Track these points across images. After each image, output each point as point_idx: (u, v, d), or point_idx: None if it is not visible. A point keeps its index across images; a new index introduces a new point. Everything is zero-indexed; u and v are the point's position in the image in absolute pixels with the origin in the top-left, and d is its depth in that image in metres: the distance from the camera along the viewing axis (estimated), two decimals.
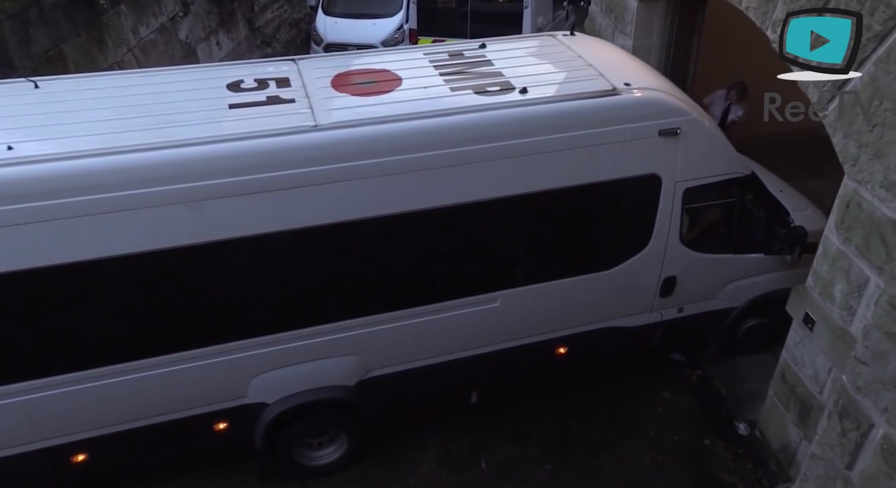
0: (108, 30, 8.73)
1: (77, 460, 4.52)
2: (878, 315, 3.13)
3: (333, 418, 5.08)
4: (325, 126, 4.09)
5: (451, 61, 5.00)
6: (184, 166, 3.83)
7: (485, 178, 4.38)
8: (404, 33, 11.74)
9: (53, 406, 4.20)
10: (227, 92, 4.48)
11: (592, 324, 5.27)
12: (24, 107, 4.23)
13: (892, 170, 3.54)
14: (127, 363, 4.21)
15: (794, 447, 4.87)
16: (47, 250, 3.73)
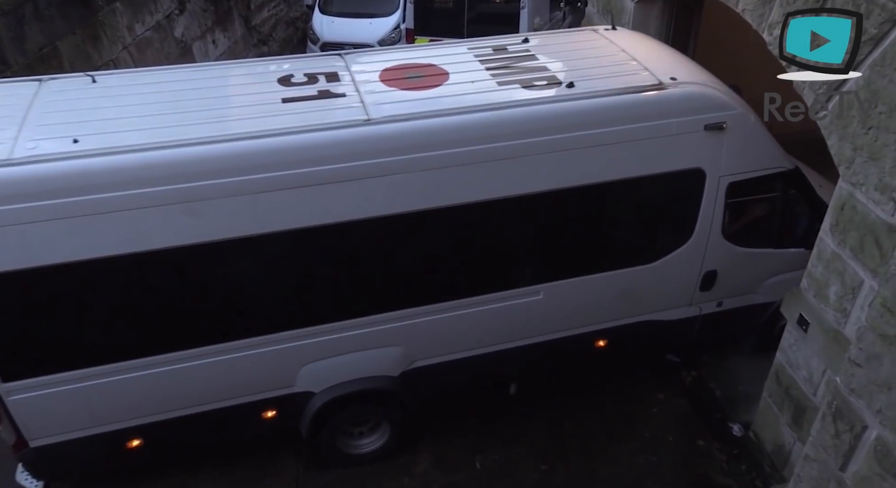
0: (103, 27, 8.70)
1: (132, 445, 4.63)
2: (872, 317, 3.14)
3: (377, 407, 5.16)
4: (377, 120, 4.15)
5: (495, 56, 5.04)
6: (243, 159, 3.90)
7: (532, 172, 4.42)
8: (401, 33, 11.72)
9: (111, 393, 4.30)
10: (278, 86, 4.55)
11: (632, 317, 5.31)
12: (85, 101, 4.30)
13: (887, 172, 3.56)
14: (183, 351, 4.31)
15: (788, 448, 4.88)
16: (113, 240, 3.81)
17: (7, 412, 4.19)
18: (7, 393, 4.12)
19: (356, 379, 4.84)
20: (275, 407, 4.80)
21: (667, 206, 5.01)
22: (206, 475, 5.26)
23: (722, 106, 4.65)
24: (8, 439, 4.35)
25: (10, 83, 4.59)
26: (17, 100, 4.25)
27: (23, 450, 4.41)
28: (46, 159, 3.67)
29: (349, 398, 4.87)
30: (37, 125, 3.98)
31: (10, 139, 3.81)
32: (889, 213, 3.59)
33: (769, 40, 4.43)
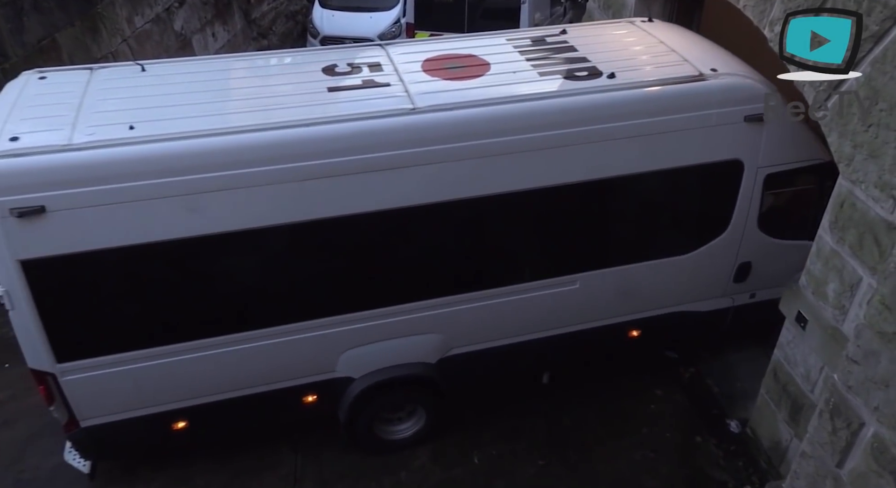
0: (102, 19, 8.67)
1: (177, 427, 4.72)
2: (870, 314, 3.14)
3: (414, 394, 5.23)
4: (422, 109, 4.22)
5: (535, 47, 5.10)
6: (294, 147, 3.97)
7: (574, 161, 4.47)
8: (401, 27, 11.69)
9: (160, 375, 4.40)
10: (323, 75, 4.62)
11: (666, 307, 5.36)
12: (136, 89, 4.41)
13: (887, 170, 3.55)
14: (230, 335, 4.41)
15: (785, 445, 4.89)
16: (163, 226, 3.91)
17: (61, 392, 4.29)
18: (61, 373, 4.22)
19: (395, 366, 4.92)
20: (315, 392, 4.89)
21: (704, 197, 5.05)
22: (204, 467, 5.28)
23: (762, 97, 4.65)
24: (60, 418, 4.47)
25: (63, 71, 4.69)
26: (71, 87, 4.34)
27: (74, 430, 4.53)
28: (105, 145, 3.76)
29: (387, 384, 4.93)
30: (92, 112, 4.07)
31: (69, 125, 3.90)
32: (888, 211, 3.59)
33: (770, 37, 4.42)
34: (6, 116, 4.00)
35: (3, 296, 3.90)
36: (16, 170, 3.63)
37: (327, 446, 5.45)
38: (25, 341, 4.10)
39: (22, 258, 3.77)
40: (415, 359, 4.94)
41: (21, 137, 3.75)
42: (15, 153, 3.66)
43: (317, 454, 5.41)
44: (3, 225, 3.66)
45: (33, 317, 3.97)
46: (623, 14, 7.18)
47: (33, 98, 4.25)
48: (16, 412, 5.81)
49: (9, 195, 3.61)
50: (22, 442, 5.53)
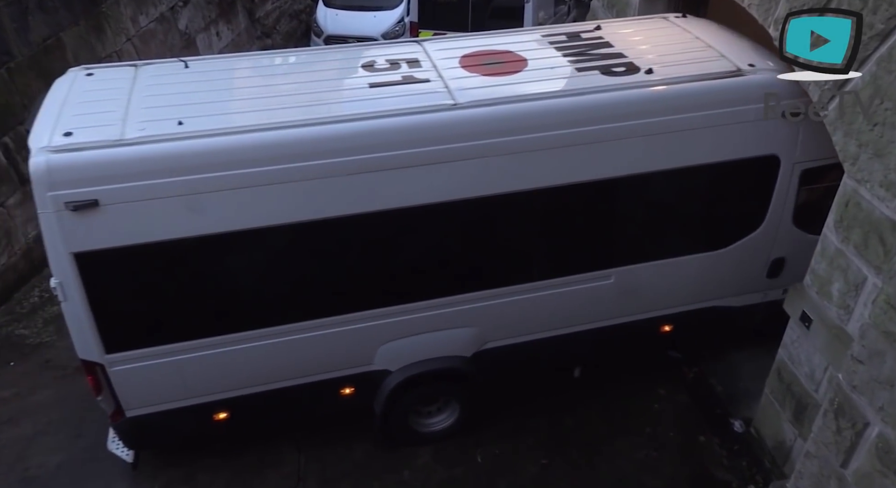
0: (107, 18, 8.69)
1: (219, 418, 4.79)
2: (875, 314, 3.13)
3: (449, 387, 5.26)
4: (464, 104, 4.25)
5: (570, 43, 5.12)
6: (339, 142, 4.03)
7: (612, 157, 4.49)
8: (405, 26, 11.69)
9: (204, 366, 4.47)
10: (363, 71, 4.68)
11: (699, 302, 5.36)
12: (181, 85, 4.49)
13: (892, 169, 3.54)
14: (273, 327, 4.47)
15: (789, 445, 4.88)
16: (212, 219, 3.97)
17: (108, 382, 4.37)
18: (110, 363, 4.29)
19: (431, 359, 4.97)
20: (353, 385, 4.94)
21: (740, 193, 5.05)
22: (208, 464, 5.29)
23: (800, 92, 4.62)
24: (107, 408, 4.55)
25: (109, 68, 4.80)
26: (118, 83, 4.43)
27: (119, 420, 4.60)
28: (156, 140, 3.83)
29: (423, 377, 4.98)
30: (141, 108, 4.14)
31: (120, 121, 3.97)
32: (894, 210, 3.57)
33: (775, 35, 4.40)
34: (58, 112, 4.08)
35: (56, 288, 3.98)
36: (71, 165, 3.70)
37: (330, 445, 5.46)
38: (76, 332, 4.18)
39: (75, 251, 3.85)
40: (451, 353, 5.00)
41: (74, 133, 3.83)
42: (70, 148, 3.74)
43: (320, 452, 5.41)
44: (59, 218, 3.74)
45: (84, 309, 4.04)
46: (627, 13, 7.16)
47: (82, 94, 4.32)
48: (20, 410, 5.84)
49: (64, 189, 3.68)
50: (27, 439, 5.56)
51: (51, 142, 3.77)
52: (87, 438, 5.54)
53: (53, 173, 3.67)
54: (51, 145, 3.75)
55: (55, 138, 3.80)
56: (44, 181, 3.67)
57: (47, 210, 3.73)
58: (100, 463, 5.30)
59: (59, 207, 3.70)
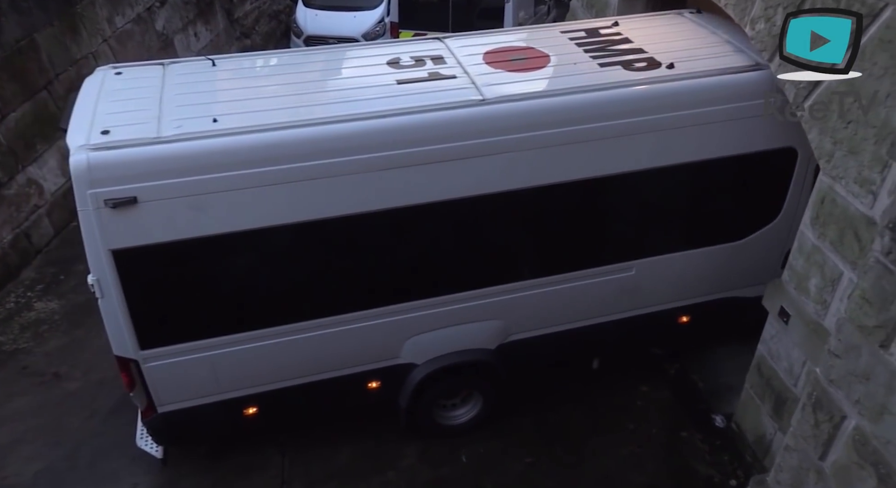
0: (82, 19, 8.56)
1: (249, 413, 4.82)
2: (851, 308, 3.18)
3: (473, 379, 5.32)
4: (492, 100, 4.30)
5: (590, 39, 5.17)
6: (371, 137, 4.09)
7: (635, 151, 4.56)
8: (385, 26, 11.67)
9: (236, 361, 4.51)
10: (389, 68, 4.71)
11: (716, 293, 5.44)
12: (211, 83, 4.57)
13: (866, 166, 3.60)
14: (304, 322, 4.52)
15: (770, 438, 4.95)
16: (248, 215, 4.03)
17: (142, 378, 4.40)
18: (144, 360, 4.32)
19: (456, 352, 5.02)
20: (379, 379, 4.99)
21: (758, 185, 5.12)
22: (192, 468, 5.25)
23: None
24: (139, 405, 4.59)
25: (137, 67, 4.82)
26: (149, 82, 4.47)
27: (151, 416, 4.62)
28: (193, 137, 3.87)
29: (448, 370, 5.03)
30: (174, 106, 4.17)
31: (154, 119, 4.02)
32: (868, 206, 3.64)
33: (751, 34, 4.46)
34: (93, 111, 4.11)
35: (94, 285, 4.03)
36: (110, 163, 3.73)
37: (315, 447, 5.44)
38: (112, 329, 4.21)
39: (113, 248, 3.89)
40: (476, 346, 5.06)
41: (112, 131, 3.86)
42: (108, 146, 3.77)
43: (304, 455, 5.39)
44: (98, 216, 3.77)
45: (121, 305, 4.09)
46: (606, 13, 7.21)
47: (114, 93, 4.35)
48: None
49: (103, 186, 3.72)
50: (3, 448, 5.47)
51: (89, 140, 3.80)
52: (66, 446, 5.46)
53: (94, 171, 3.70)
54: (90, 143, 3.77)
55: (93, 136, 3.83)
56: (84, 178, 3.70)
57: (87, 207, 3.76)
58: (78, 471, 5.24)
59: (98, 205, 3.74)
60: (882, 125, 3.47)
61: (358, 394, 5.08)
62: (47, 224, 7.93)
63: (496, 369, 5.18)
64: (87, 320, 6.77)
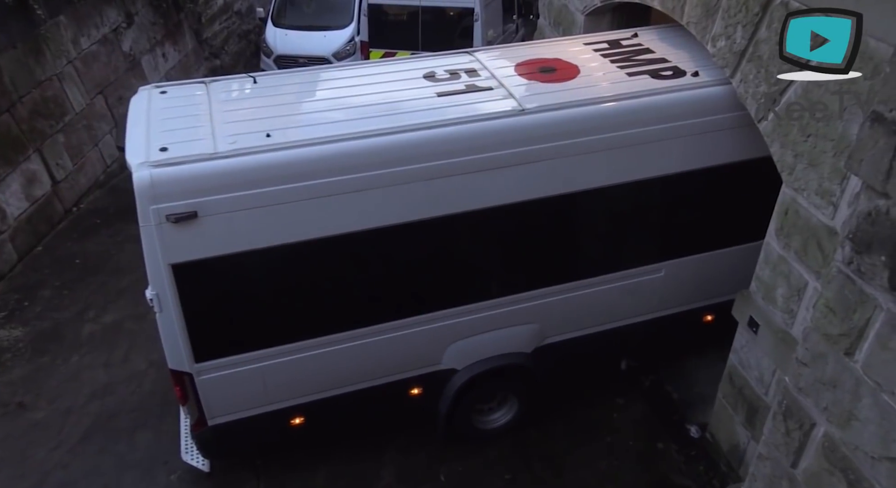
0: (46, 41, 8.44)
1: (294, 423, 4.88)
2: (816, 317, 3.24)
3: (510, 383, 5.42)
4: (531, 110, 4.43)
5: (613, 50, 5.34)
6: (421, 148, 4.20)
7: (667, 155, 4.70)
8: (356, 46, 11.71)
9: (285, 372, 4.58)
10: (427, 82, 4.84)
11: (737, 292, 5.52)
12: (256, 99, 4.69)
13: (826, 178, 3.70)
14: (352, 331, 4.59)
15: (743, 447, 5.00)
16: (301, 227, 4.10)
17: (195, 391, 4.44)
18: (198, 373, 4.38)
19: (495, 356, 5.11)
20: (421, 385, 5.06)
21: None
22: None
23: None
24: (190, 418, 4.62)
25: (180, 85, 4.93)
26: (196, 99, 4.59)
27: (201, 429, 4.64)
28: (249, 152, 3.96)
29: (488, 374, 5.11)
30: (224, 122, 4.27)
31: (209, 135, 4.10)
32: (829, 217, 3.74)
33: (712, 52, 4.58)
34: (146, 129, 4.19)
35: (153, 300, 4.08)
36: (172, 179, 3.80)
37: (291, 470, 5.35)
38: (169, 342, 4.26)
39: (172, 262, 3.96)
40: (513, 349, 5.14)
41: (170, 148, 3.93)
42: (169, 162, 3.84)
43: (279, 478, 5.30)
44: (159, 231, 3.84)
45: (178, 319, 4.13)
46: (573, 31, 7.34)
47: (163, 111, 4.43)
48: None
49: (165, 202, 3.79)
50: None
51: (149, 157, 3.87)
52: (30, 479, 5.30)
53: (157, 186, 3.77)
54: (150, 160, 3.84)
55: (152, 153, 3.90)
56: (147, 194, 3.77)
57: (149, 223, 3.83)
58: None
59: (160, 220, 3.81)
60: (840, 138, 3.57)
61: (400, 402, 5.14)
62: (10, 249, 7.73)
63: (532, 372, 5.27)
64: (53, 347, 6.61)
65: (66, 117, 8.78)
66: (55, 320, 6.97)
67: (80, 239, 8.29)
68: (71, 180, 8.86)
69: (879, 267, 2.78)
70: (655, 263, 5.18)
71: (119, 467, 5.42)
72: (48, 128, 8.43)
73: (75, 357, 6.50)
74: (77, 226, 8.54)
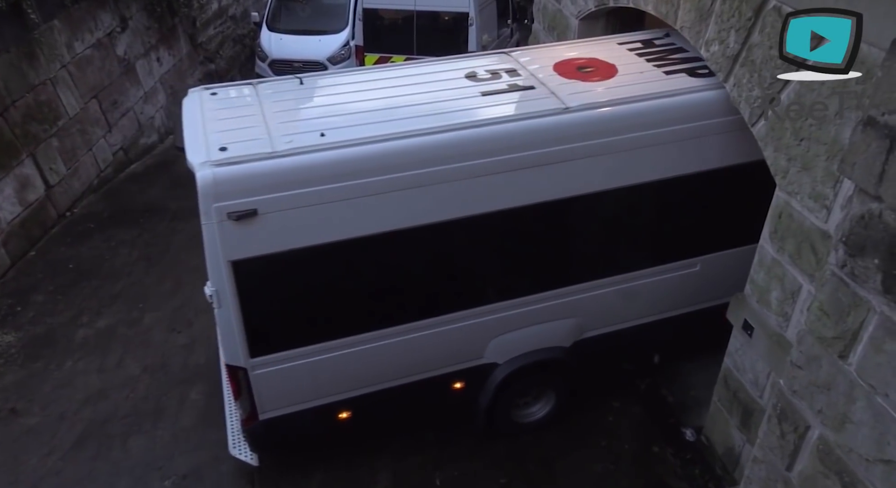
0: (40, 45, 8.42)
1: (341, 417, 4.95)
2: (810, 320, 3.25)
3: (548, 376, 5.51)
4: (575, 108, 4.51)
5: (648, 49, 5.42)
6: (471, 145, 4.28)
7: (705, 152, 4.78)
8: (350, 50, 11.72)
9: (335, 366, 4.65)
10: (469, 81, 4.92)
11: None
12: (305, 100, 4.81)
13: (819, 181, 3.72)
14: (400, 326, 4.67)
15: (738, 450, 5.00)
16: (357, 224, 4.20)
17: (248, 386, 4.51)
18: (252, 368, 4.45)
19: (535, 350, 5.20)
20: (463, 379, 5.13)
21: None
22: None
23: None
24: (242, 412, 4.67)
25: (228, 87, 5.03)
26: (246, 101, 4.69)
27: (252, 424, 4.70)
28: (306, 151, 4.05)
29: (528, 368, 5.20)
30: (278, 122, 4.36)
31: (265, 135, 4.19)
32: (822, 220, 3.75)
33: (706, 56, 4.60)
34: (202, 129, 4.28)
35: (212, 296, 4.18)
36: (232, 177, 3.90)
37: (285, 475, 5.33)
38: (226, 338, 4.35)
39: (232, 259, 4.04)
40: (553, 344, 5.24)
41: (229, 147, 4.02)
42: (229, 162, 3.93)
43: (274, 483, 5.27)
44: (221, 228, 3.93)
45: (236, 315, 4.21)
46: (567, 35, 7.36)
47: (217, 112, 4.53)
48: None
49: (227, 200, 3.88)
50: None
51: (210, 156, 3.95)
52: (23, 485, 5.26)
53: (219, 185, 3.86)
54: (212, 159, 3.92)
55: (212, 153, 3.98)
56: (210, 193, 3.85)
57: (211, 221, 3.91)
58: None
59: (222, 217, 3.90)
60: (832, 142, 3.59)
61: (443, 396, 5.21)
62: (3, 254, 7.69)
63: (571, 366, 5.34)
64: (46, 352, 6.57)
65: (59, 121, 8.76)
66: (48, 325, 6.94)
67: (73, 243, 8.26)
68: (64, 185, 8.83)
69: (872, 270, 2.79)
70: (692, 258, 5.27)
71: (112, 473, 5.39)
72: (42, 133, 8.40)
73: (69, 362, 6.47)
74: (71, 231, 8.52)
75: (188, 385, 6.19)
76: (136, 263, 7.92)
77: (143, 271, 7.78)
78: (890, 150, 2.63)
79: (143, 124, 10.76)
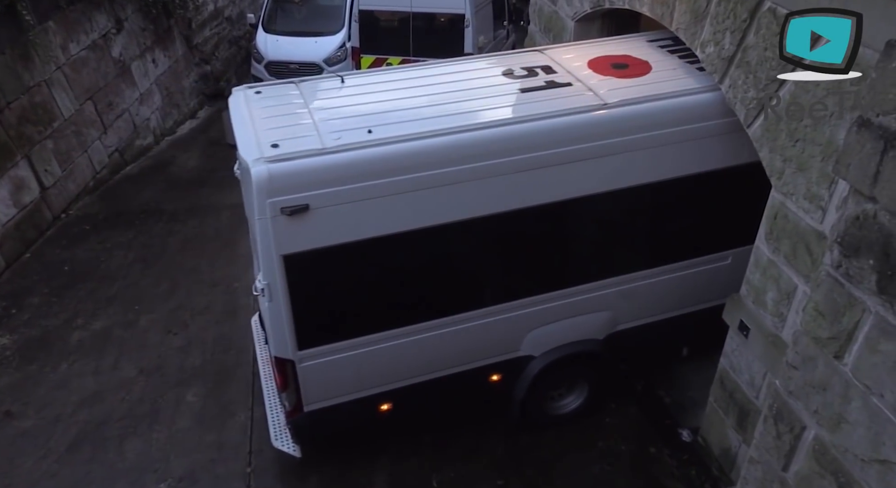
0: (35, 47, 8.39)
1: (383, 409, 5.02)
2: (805, 321, 3.26)
3: (582, 369, 5.58)
4: (613, 104, 4.59)
5: (678, 46, 5.38)
6: (516, 141, 4.36)
7: (737, 147, 4.77)
8: (347, 52, 11.72)
9: (378, 359, 4.72)
10: (507, 79, 5.01)
11: None
12: (348, 98, 4.87)
13: (814, 182, 3.73)
14: (443, 318, 4.74)
15: (735, 451, 5.01)
16: (403, 218, 4.27)
17: (295, 378, 4.58)
18: (300, 360, 4.52)
19: (570, 343, 5.28)
20: (500, 371, 5.22)
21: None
22: None
23: None
24: (288, 404, 4.74)
25: (271, 85, 5.15)
26: (291, 99, 4.77)
27: (297, 416, 4.77)
28: (355, 148, 4.13)
29: (563, 360, 5.28)
30: (325, 120, 4.44)
31: (314, 132, 4.28)
32: (818, 221, 3.77)
33: (702, 57, 4.62)
34: (252, 127, 4.38)
35: (264, 290, 4.26)
36: (285, 173, 3.98)
37: (281, 478, 5.31)
38: (275, 331, 4.43)
39: (284, 253, 4.13)
40: (587, 336, 5.32)
41: (280, 144, 4.11)
42: (281, 158, 4.01)
43: (271, 486, 5.25)
44: (274, 223, 4.02)
45: (286, 308, 4.29)
46: (563, 37, 7.38)
47: (263, 110, 4.62)
48: None
49: (280, 195, 3.97)
50: None
51: (263, 153, 4.04)
52: None
53: (274, 181, 3.94)
54: (265, 156, 4.01)
55: (265, 150, 4.07)
56: (265, 189, 3.94)
57: (265, 216, 4.00)
58: None
59: (275, 212, 3.98)
60: (827, 143, 3.61)
61: (480, 388, 5.27)
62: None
63: (604, 358, 5.41)
64: (41, 355, 6.55)
65: (54, 123, 8.73)
66: (43, 327, 6.91)
67: (68, 245, 8.23)
68: (59, 187, 8.80)
69: (867, 270, 2.80)
70: (724, 251, 5.31)
71: (108, 476, 5.37)
72: (37, 135, 8.38)
73: (64, 364, 6.44)
74: (66, 233, 8.49)
75: (184, 387, 6.17)
76: (132, 265, 7.89)
77: (139, 273, 7.76)
78: (884, 151, 2.64)
79: (138, 126, 10.73)
